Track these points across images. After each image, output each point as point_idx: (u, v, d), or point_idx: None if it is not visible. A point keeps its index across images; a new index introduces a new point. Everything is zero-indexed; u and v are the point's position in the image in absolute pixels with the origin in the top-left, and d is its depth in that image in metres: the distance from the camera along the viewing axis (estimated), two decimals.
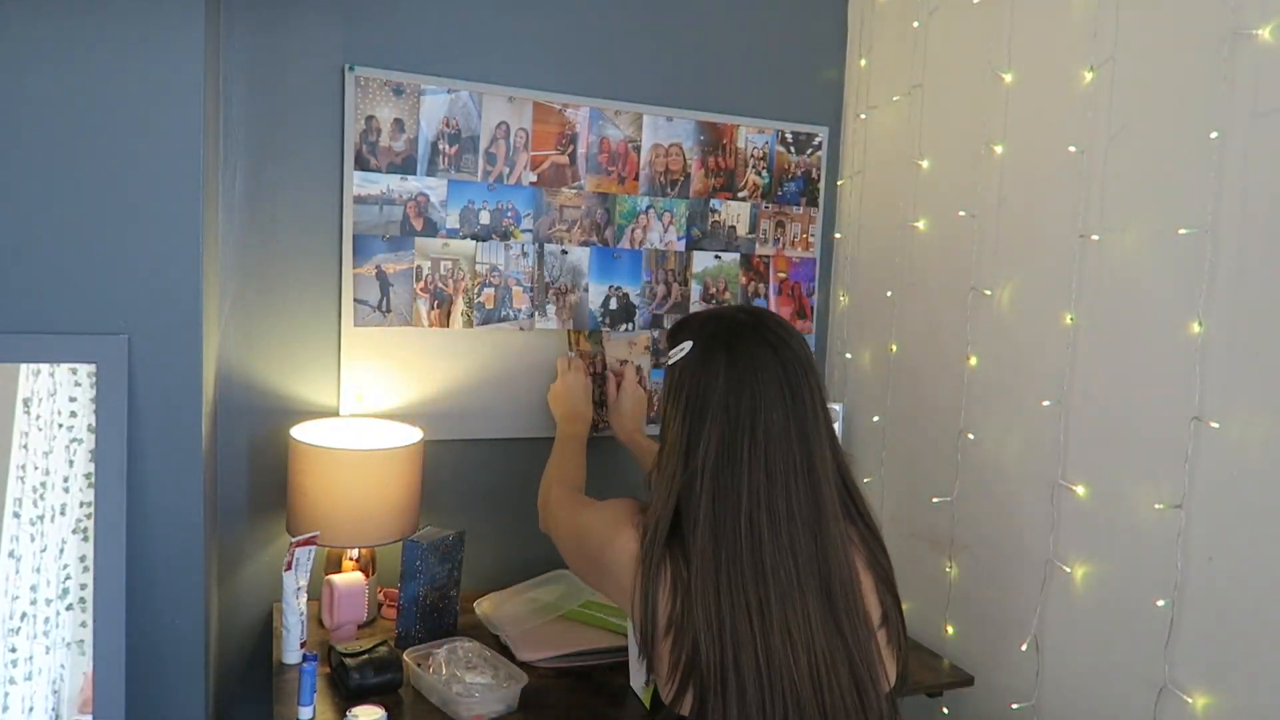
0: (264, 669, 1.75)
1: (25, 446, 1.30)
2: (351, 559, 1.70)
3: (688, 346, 1.16)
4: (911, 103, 1.97)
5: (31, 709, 1.28)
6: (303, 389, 1.78)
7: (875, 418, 2.05)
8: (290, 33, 1.72)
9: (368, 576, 1.68)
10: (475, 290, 1.89)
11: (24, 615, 1.29)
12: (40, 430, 1.31)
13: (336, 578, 1.62)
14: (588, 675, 1.55)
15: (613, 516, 1.21)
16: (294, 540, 1.54)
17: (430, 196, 1.84)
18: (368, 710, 1.29)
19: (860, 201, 2.15)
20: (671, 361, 1.18)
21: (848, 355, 2.17)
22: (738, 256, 2.14)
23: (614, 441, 1.89)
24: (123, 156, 1.34)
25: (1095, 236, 1.51)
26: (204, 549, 1.46)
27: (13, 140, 1.29)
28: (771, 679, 1.01)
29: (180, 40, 1.36)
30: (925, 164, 1.92)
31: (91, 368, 1.33)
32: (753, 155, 2.13)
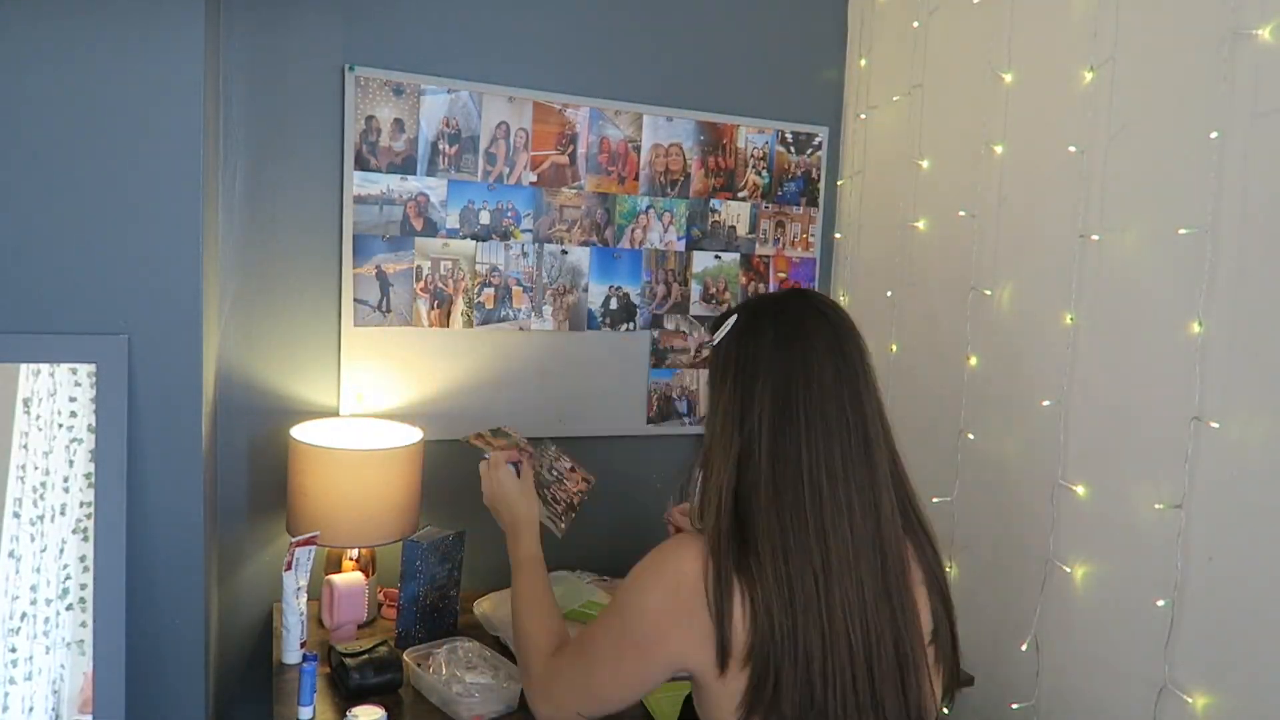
0: (264, 669, 1.75)
1: (25, 446, 1.30)
2: (351, 559, 1.70)
3: (732, 321, 1.12)
4: (911, 103, 1.96)
5: (31, 709, 1.28)
6: (303, 389, 1.78)
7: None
8: (290, 33, 1.72)
9: (368, 576, 1.68)
10: (475, 290, 1.89)
11: (24, 615, 1.28)
12: (40, 430, 1.31)
13: (336, 578, 1.62)
14: None
15: (640, 615, 1.03)
16: (294, 540, 1.54)
17: (430, 196, 1.84)
18: (368, 710, 1.29)
19: (860, 201, 2.15)
20: (717, 340, 1.13)
21: None
22: (738, 256, 2.14)
23: (594, 443, 1.86)
24: (123, 156, 1.34)
25: (1095, 236, 1.51)
26: (204, 549, 1.45)
27: (13, 140, 1.29)
28: (833, 643, 0.97)
29: (180, 40, 1.36)
30: (925, 164, 1.92)
31: (91, 368, 1.33)
32: (753, 155, 2.13)
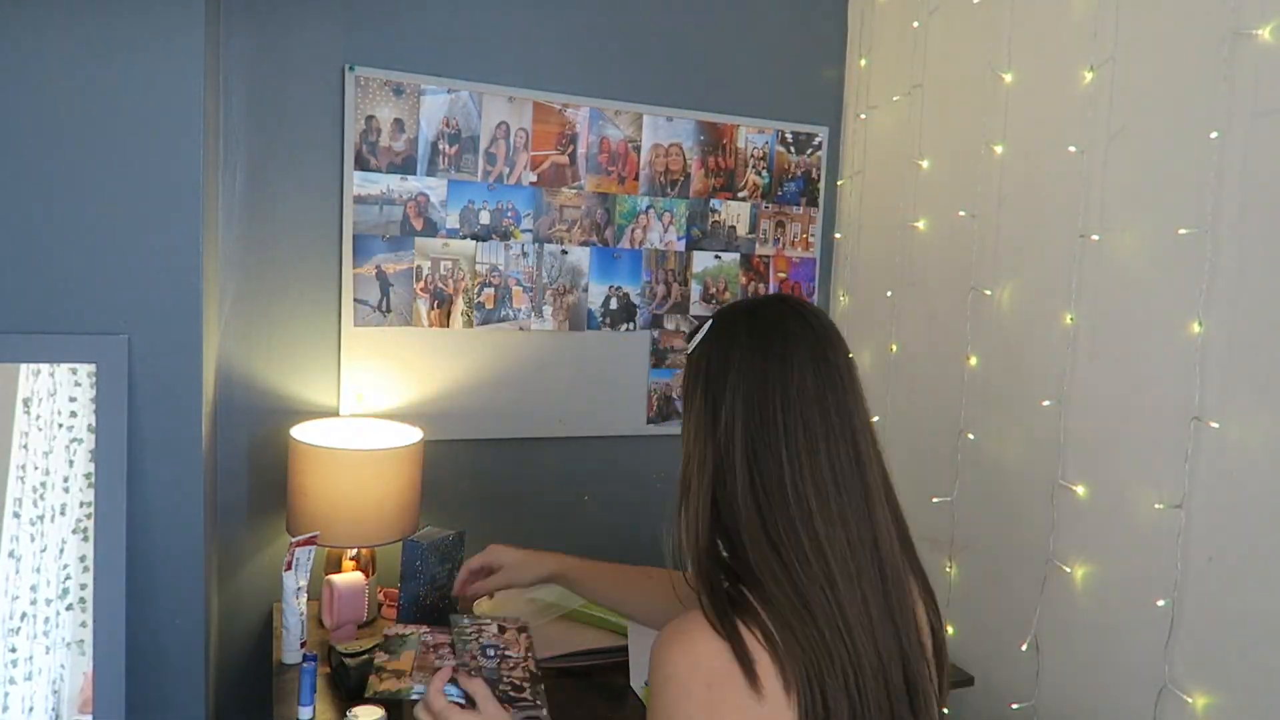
0: (264, 669, 1.75)
1: (25, 446, 1.30)
2: (351, 559, 1.70)
3: (707, 326, 1.03)
4: (911, 103, 1.96)
5: (31, 709, 1.28)
6: (303, 389, 1.78)
7: (875, 418, 2.03)
8: (290, 33, 1.72)
9: (368, 576, 1.68)
10: (475, 290, 1.89)
11: (24, 615, 1.28)
12: (40, 430, 1.31)
13: (336, 578, 1.62)
14: (588, 675, 1.55)
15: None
16: (294, 540, 1.54)
17: (430, 196, 1.84)
18: (368, 710, 1.28)
19: (860, 201, 2.15)
20: (690, 349, 1.03)
21: (848, 355, 2.17)
22: (738, 256, 2.14)
23: (594, 443, 1.85)
24: (123, 156, 1.34)
25: (1095, 236, 1.51)
26: (204, 549, 1.45)
27: (13, 140, 1.29)
28: (858, 658, 0.88)
29: (180, 41, 1.36)
30: (925, 164, 1.92)
31: (91, 368, 1.33)
32: (753, 155, 2.13)
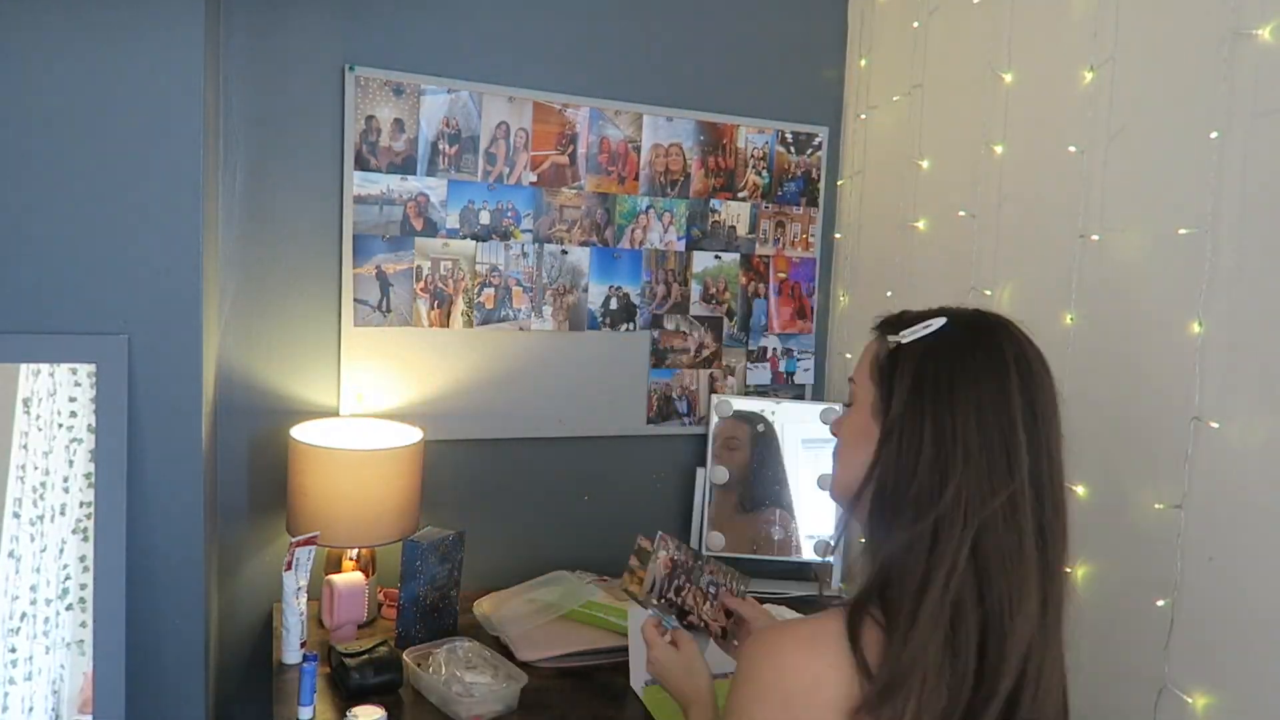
0: (264, 669, 1.75)
1: (25, 446, 1.30)
2: (351, 559, 1.70)
3: (938, 323, 0.94)
4: (911, 103, 1.96)
5: (31, 709, 1.28)
6: (303, 389, 1.78)
7: None
8: (290, 33, 1.72)
9: (368, 576, 1.68)
10: (475, 290, 1.89)
11: (24, 615, 1.29)
12: (40, 430, 1.31)
13: (336, 578, 1.62)
14: (588, 675, 1.55)
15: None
16: (294, 540, 1.54)
17: (430, 196, 1.84)
18: (368, 710, 1.29)
19: (860, 201, 2.15)
20: (911, 339, 0.95)
21: (848, 355, 2.17)
22: (738, 256, 2.14)
23: (594, 443, 1.85)
24: (123, 156, 1.34)
25: (1095, 236, 1.51)
26: (204, 549, 1.46)
27: (13, 141, 1.29)
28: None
29: (180, 41, 1.36)
30: (925, 164, 1.92)
31: (91, 368, 1.33)
32: (753, 155, 2.13)
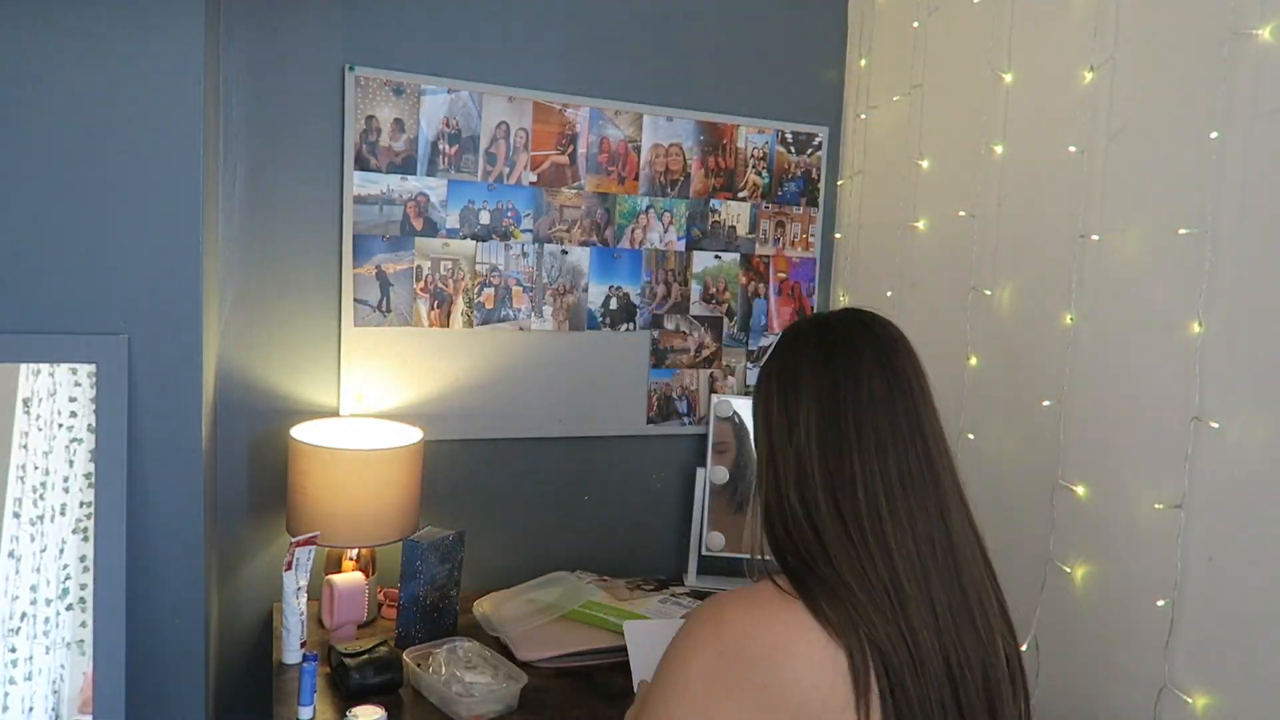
0: (264, 669, 1.75)
1: (25, 446, 1.30)
2: (351, 559, 1.70)
3: (774, 339, 1.11)
4: (911, 103, 1.96)
5: (31, 709, 1.28)
6: (303, 389, 1.78)
7: None
8: (290, 33, 1.72)
9: (368, 576, 1.68)
10: (475, 290, 1.89)
11: (24, 615, 1.29)
12: (40, 430, 1.31)
13: (336, 578, 1.62)
14: (588, 675, 1.55)
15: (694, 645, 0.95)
16: (294, 540, 1.54)
17: (430, 196, 1.84)
18: (368, 710, 1.29)
19: (860, 201, 2.15)
20: (762, 362, 1.12)
21: None
22: (738, 256, 2.14)
23: (594, 443, 1.86)
24: (123, 157, 1.34)
25: (1095, 236, 1.51)
26: (204, 549, 1.46)
27: (13, 141, 1.29)
28: (921, 664, 0.90)
29: (180, 41, 1.36)
30: (925, 164, 1.92)
31: (91, 368, 1.33)
32: (753, 155, 2.13)
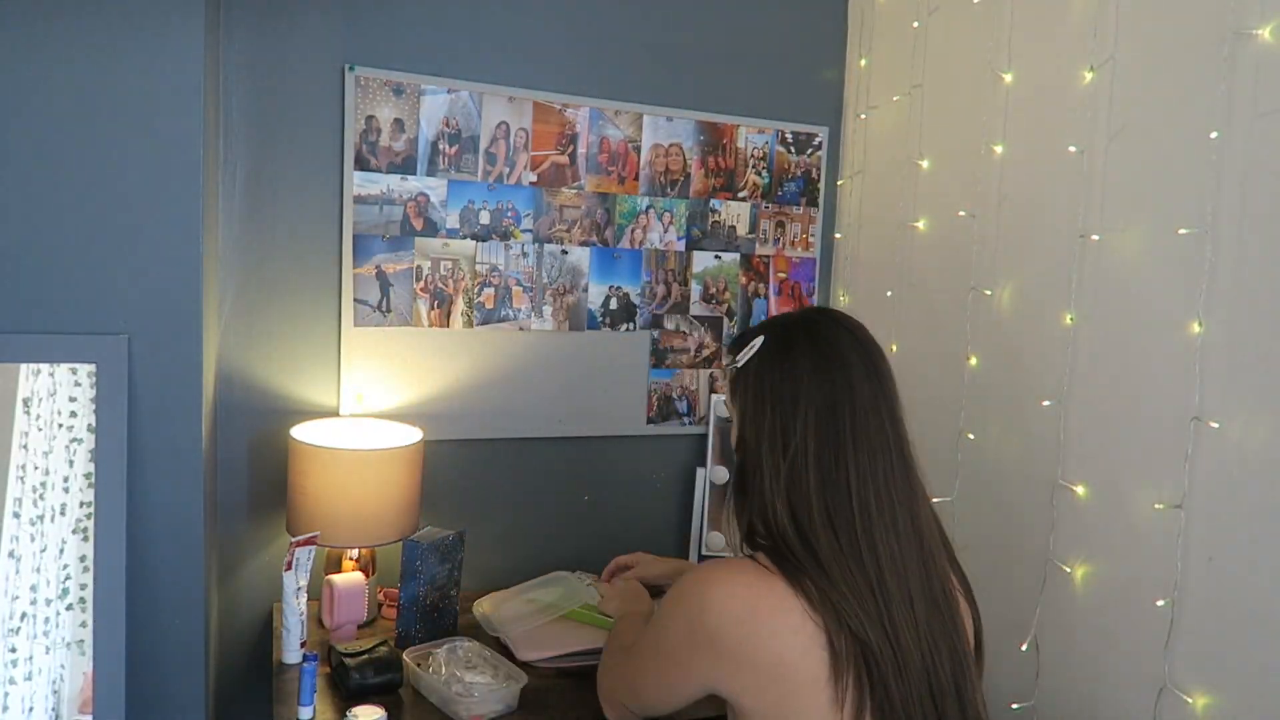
0: (264, 669, 1.75)
1: (25, 446, 1.30)
2: (351, 559, 1.70)
3: (759, 342, 1.10)
4: (911, 103, 1.96)
5: (31, 709, 1.28)
6: (303, 389, 1.78)
7: None
8: (290, 33, 1.72)
9: (368, 576, 1.68)
10: (475, 290, 1.89)
11: (24, 615, 1.29)
12: (40, 430, 1.31)
13: (336, 578, 1.62)
14: (588, 675, 1.54)
15: (682, 600, 1.07)
16: (294, 540, 1.54)
17: (430, 196, 1.84)
18: (368, 710, 1.29)
19: (860, 201, 2.15)
20: (743, 363, 1.11)
21: None
22: (738, 256, 2.14)
23: (594, 443, 1.87)
24: (123, 157, 1.34)
25: (1095, 236, 1.51)
26: (204, 549, 1.45)
27: (13, 141, 1.29)
28: (904, 662, 0.97)
29: (180, 41, 1.36)
30: (925, 164, 1.92)
31: (91, 368, 1.33)
32: (753, 155, 2.13)
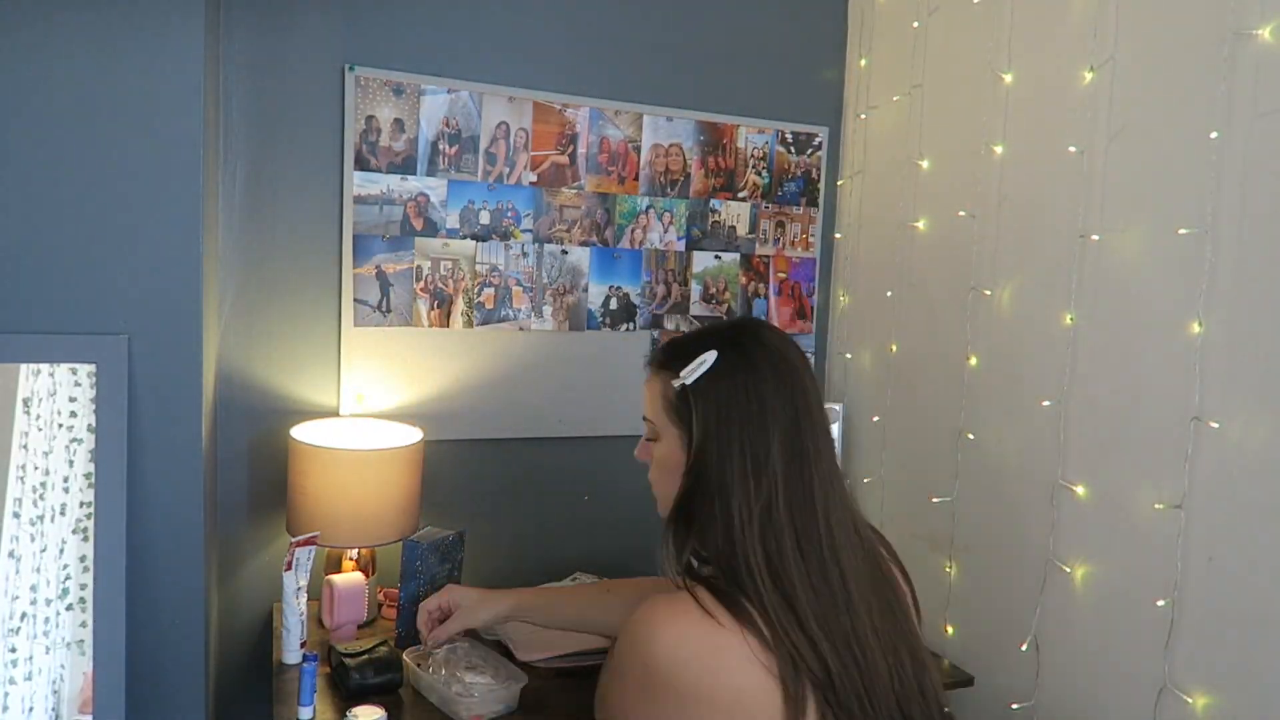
0: (264, 669, 1.75)
1: (25, 446, 1.30)
2: (351, 559, 1.70)
3: (710, 358, 1.01)
4: (911, 103, 1.96)
5: (31, 709, 1.28)
6: (303, 389, 1.78)
7: (875, 418, 2.05)
8: (290, 33, 1.71)
9: (368, 576, 1.68)
10: (475, 290, 1.89)
11: (24, 615, 1.28)
12: (40, 430, 1.31)
13: (336, 578, 1.62)
14: (588, 675, 1.54)
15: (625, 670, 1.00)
16: (294, 540, 1.54)
17: (430, 196, 1.84)
18: (368, 710, 1.29)
19: (860, 201, 2.15)
20: (694, 379, 1.01)
21: (848, 355, 2.17)
22: (738, 256, 2.14)
23: (594, 443, 1.87)
24: (123, 157, 1.34)
25: (1095, 236, 1.51)
26: (204, 549, 1.45)
27: (13, 141, 1.29)
28: (872, 679, 0.96)
29: (180, 41, 1.36)
30: (925, 164, 1.92)
31: (91, 368, 1.33)
32: (753, 155, 2.13)
